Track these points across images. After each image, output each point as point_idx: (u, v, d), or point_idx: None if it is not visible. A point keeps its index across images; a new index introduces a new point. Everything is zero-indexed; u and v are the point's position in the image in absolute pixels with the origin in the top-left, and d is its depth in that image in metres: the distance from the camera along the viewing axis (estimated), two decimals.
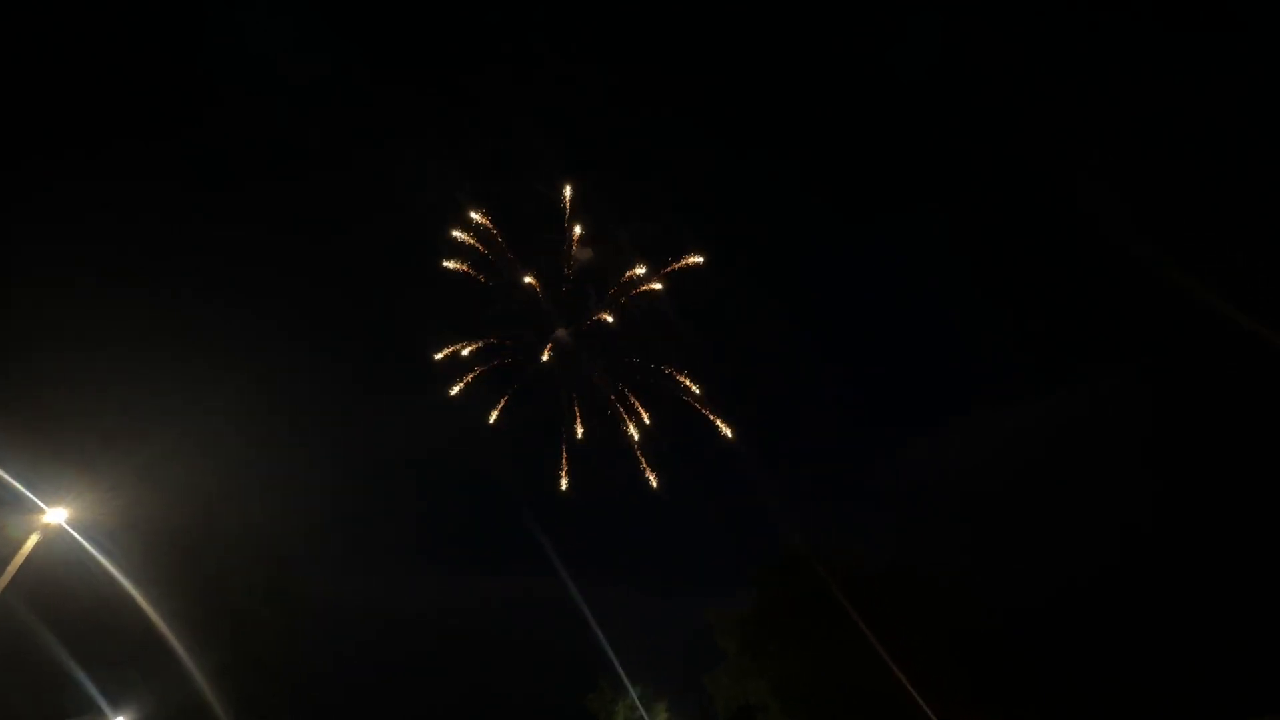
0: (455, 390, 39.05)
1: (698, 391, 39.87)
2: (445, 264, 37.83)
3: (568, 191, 39.26)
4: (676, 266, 38.78)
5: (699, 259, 39.02)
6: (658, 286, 39.10)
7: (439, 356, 38.94)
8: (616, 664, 35.63)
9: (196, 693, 27.01)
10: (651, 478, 39.79)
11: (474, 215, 38.08)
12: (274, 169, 44.96)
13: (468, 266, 37.92)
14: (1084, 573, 34.88)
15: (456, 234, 37.67)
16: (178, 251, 39.82)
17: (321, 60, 39.82)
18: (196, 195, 42.16)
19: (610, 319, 39.96)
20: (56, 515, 20.40)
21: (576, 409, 40.31)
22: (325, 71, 40.68)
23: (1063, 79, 37.41)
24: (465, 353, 39.30)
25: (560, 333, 40.18)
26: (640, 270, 38.76)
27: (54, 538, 23.83)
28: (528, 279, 39.06)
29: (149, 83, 39.51)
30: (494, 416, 39.89)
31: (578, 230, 38.94)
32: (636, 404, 40.17)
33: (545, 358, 40.24)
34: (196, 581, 28.51)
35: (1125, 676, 31.49)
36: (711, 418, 39.85)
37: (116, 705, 26.27)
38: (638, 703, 36.34)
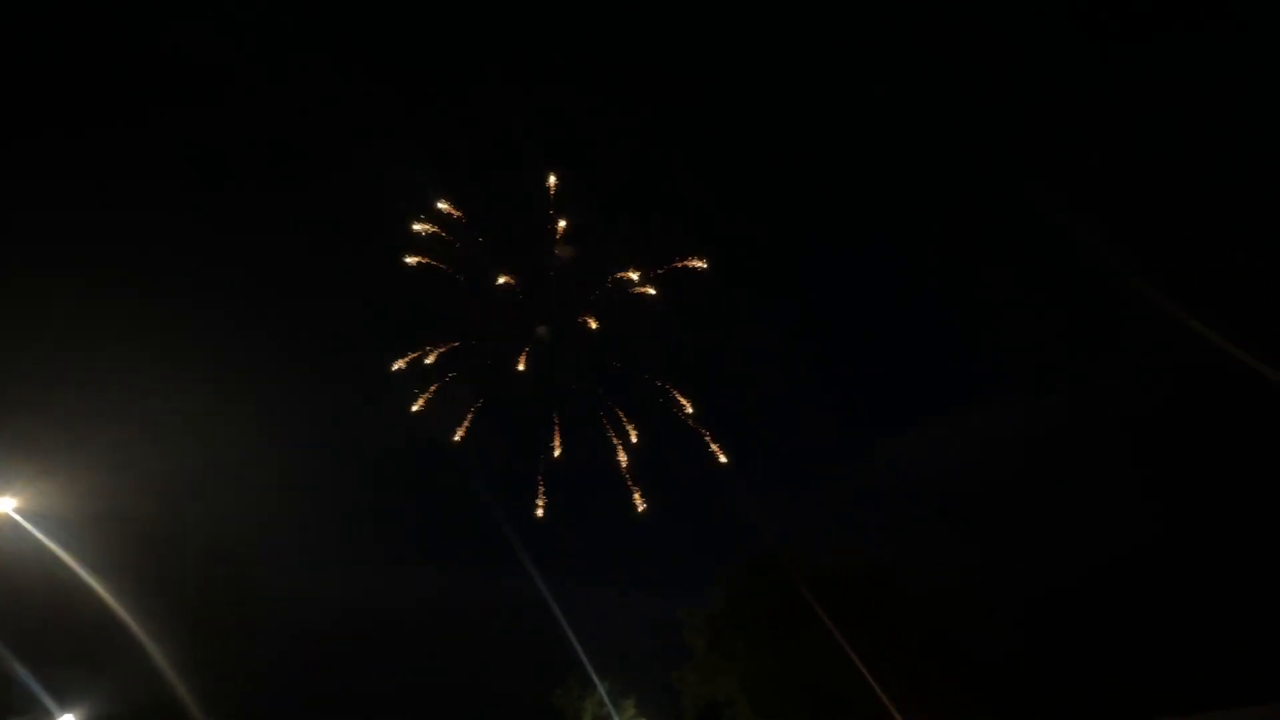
0: (417, 405, 35.63)
1: (688, 407, 37.91)
2: (408, 259, 35.24)
3: (552, 181, 37.28)
4: (673, 268, 36.82)
5: (701, 263, 36.94)
6: (651, 291, 37.16)
7: (397, 366, 35.78)
8: (585, 660, 35.41)
9: (151, 690, 26.28)
10: (638, 501, 37.70)
11: (447, 208, 35.74)
12: (250, 166, 43.20)
13: (441, 263, 35.71)
14: (1069, 578, 35.37)
15: (424, 227, 35.23)
16: (144, 245, 38.17)
17: (299, 52, 38.15)
18: (171, 191, 40.50)
19: (594, 324, 38.15)
20: (4, 504, 19.72)
21: (556, 421, 38.11)
22: (303, 65, 38.95)
23: (1063, 80, 37.62)
24: (430, 360, 36.19)
25: (541, 330, 38.24)
26: (631, 273, 36.86)
27: (2, 527, 22.99)
28: (504, 278, 37.26)
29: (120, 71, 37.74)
30: (460, 433, 36.54)
31: (562, 224, 37.21)
32: (621, 415, 38.10)
33: (521, 366, 38.06)
34: (153, 575, 27.68)
35: (1105, 683, 32.07)
36: (703, 434, 37.88)
37: (65, 703, 25.40)
38: (605, 699, 36.27)
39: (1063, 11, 36.66)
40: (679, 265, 36.80)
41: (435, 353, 36.15)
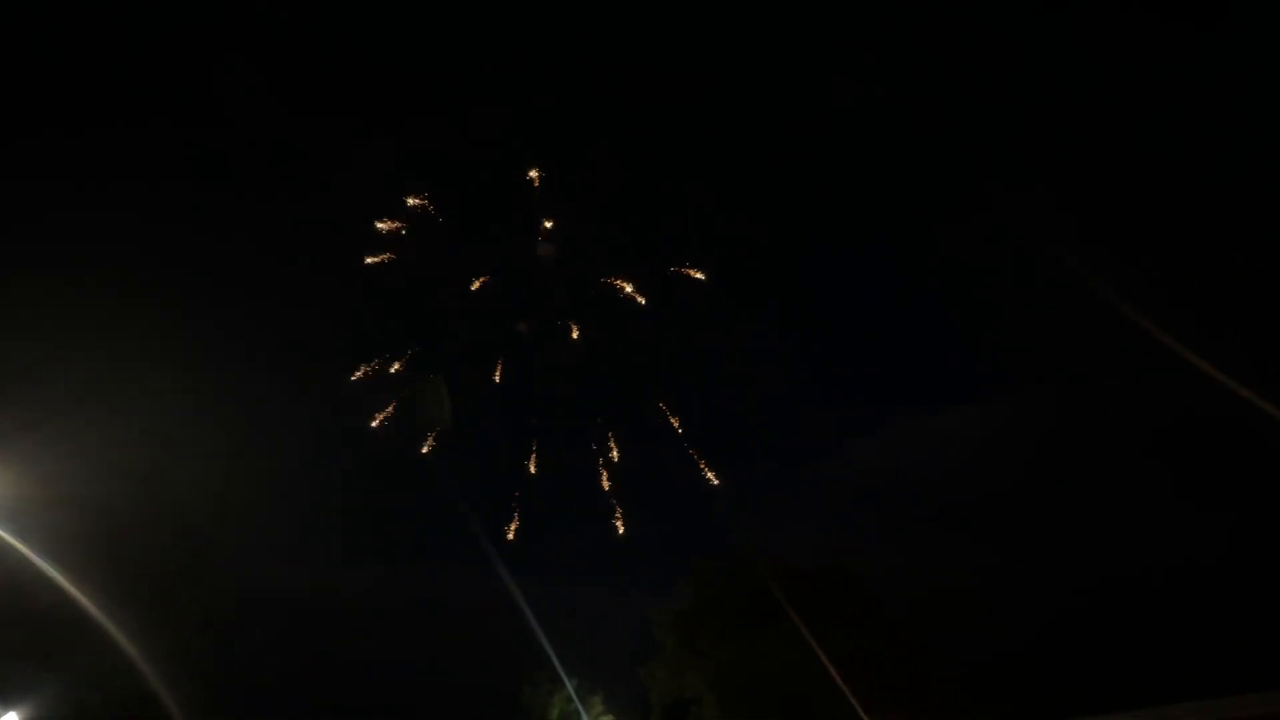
0: (380, 417, 34.29)
1: (675, 423, 36.81)
2: (375, 259, 33.46)
3: (533, 176, 35.83)
4: (667, 274, 35.51)
5: (699, 274, 35.64)
6: (641, 300, 35.87)
7: (356, 377, 34.18)
8: (553, 657, 35.26)
9: (104, 687, 25.83)
10: (619, 522, 36.82)
11: (419, 202, 33.95)
12: (237, 165, 41.65)
13: (416, 263, 34.05)
14: (1057, 580, 35.27)
15: (393, 225, 33.46)
16: (114, 242, 36.94)
17: (292, 51, 36.49)
18: (159, 190, 39.17)
19: (577, 333, 36.81)
20: None
21: (533, 432, 36.76)
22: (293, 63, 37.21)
23: (1063, 80, 36.83)
24: (395, 369, 34.55)
25: (523, 326, 36.92)
26: (618, 280, 35.53)
27: None
28: (481, 281, 35.23)
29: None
30: (429, 442, 35.35)
31: (546, 225, 35.78)
32: (602, 425, 36.87)
33: (497, 377, 36.66)
34: (111, 568, 27.10)
35: (1088, 685, 32.03)
36: (691, 453, 36.85)
37: (7, 700, 24.83)
38: (574, 695, 36.17)
39: (1062, 11, 35.79)
40: (674, 271, 35.92)
41: (409, 354, 34.99)
